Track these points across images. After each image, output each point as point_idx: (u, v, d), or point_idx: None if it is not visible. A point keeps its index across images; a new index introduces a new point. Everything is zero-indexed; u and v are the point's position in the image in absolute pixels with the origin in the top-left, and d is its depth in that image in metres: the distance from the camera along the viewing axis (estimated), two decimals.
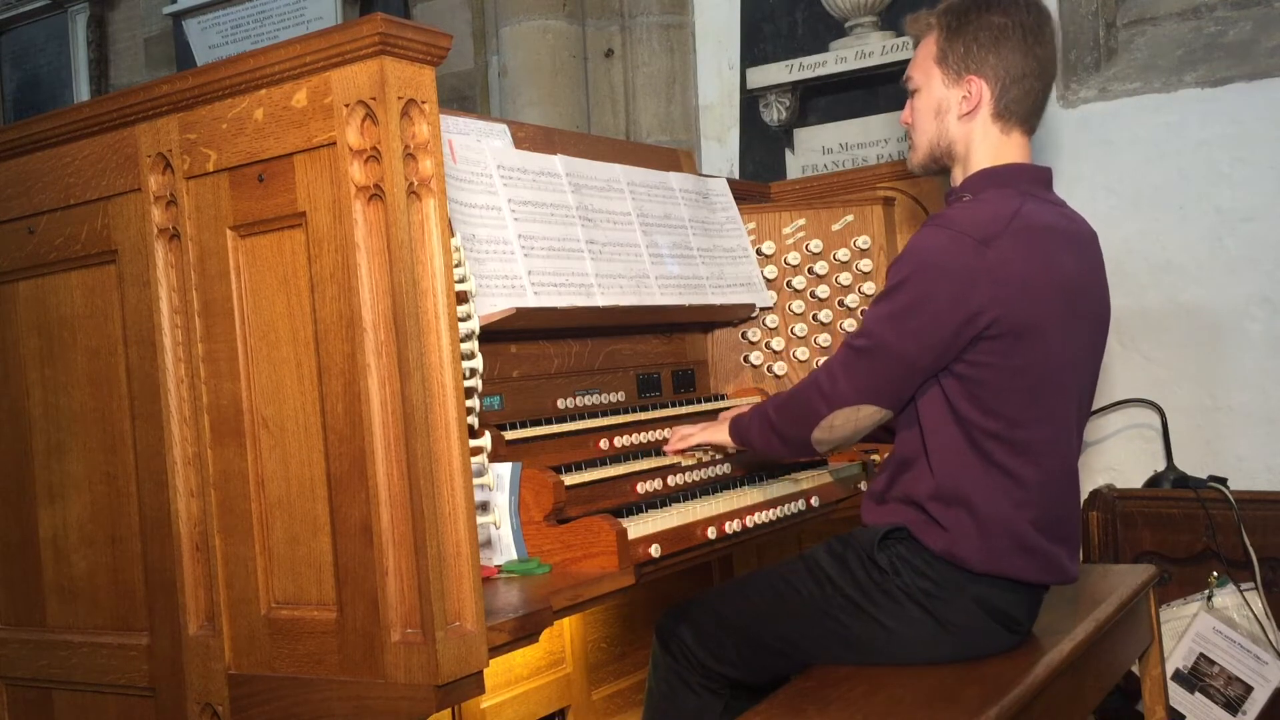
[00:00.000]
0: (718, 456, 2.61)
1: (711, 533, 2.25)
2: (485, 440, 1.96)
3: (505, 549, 2.07)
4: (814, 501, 2.54)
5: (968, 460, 2.10)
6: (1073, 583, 2.24)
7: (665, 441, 2.62)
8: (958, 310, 2.03)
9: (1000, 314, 2.03)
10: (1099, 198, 3.64)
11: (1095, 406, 3.56)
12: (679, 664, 2.32)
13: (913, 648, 2.15)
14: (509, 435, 2.30)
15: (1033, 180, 2.22)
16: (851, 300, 3.03)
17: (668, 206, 2.87)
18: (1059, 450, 2.14)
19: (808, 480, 2.62)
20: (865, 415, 2.16)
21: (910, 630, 2.14)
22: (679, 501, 2.32)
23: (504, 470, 2.08)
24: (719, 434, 2.45)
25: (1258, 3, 3.51)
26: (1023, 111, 2.21)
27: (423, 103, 1.67)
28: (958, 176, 2.28)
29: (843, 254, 3.02)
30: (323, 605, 1.74)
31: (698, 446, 2.53)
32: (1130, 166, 3.60)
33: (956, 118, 2.24)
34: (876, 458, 2.80)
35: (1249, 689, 3.21)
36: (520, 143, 2.66)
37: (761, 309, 3.06)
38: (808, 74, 3.95)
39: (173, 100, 1.83)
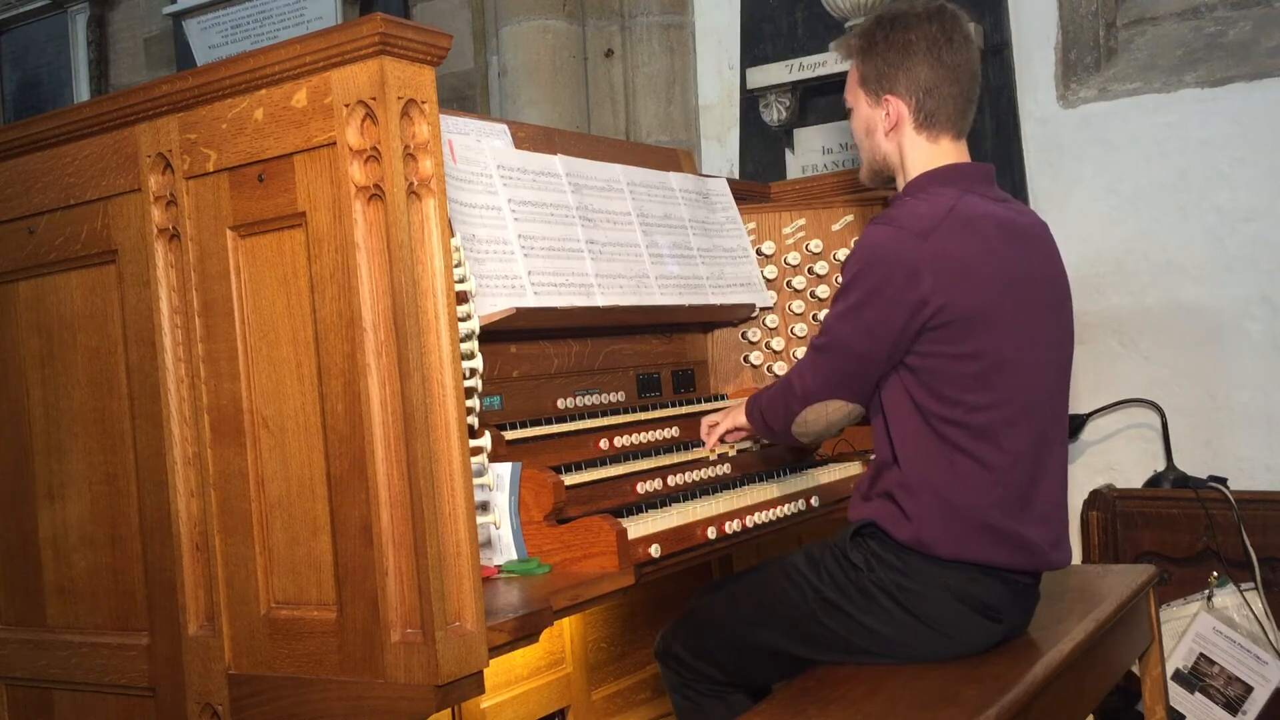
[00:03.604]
0: (741, 447, 2.66)
1: (711, 533, 2.25)
2: (485, 440, 1.96)
3: (505, 549, 2.07)
4: (814, 501, 2.54)
5: (931, 447, 2.14)
6: (1059, 569, 2.24)
7: (665, 441, 2.64)
8: (904, 302, 2.10)
9: (945, 302, 2.09)
10: (1099, 198, 3.65)
11: (1095, 406, 3.60)
12: (688, 680, 2.36)
13: (895, 645, 2.16)
14: (509, 435, 2.30)
15: (973, 178, 2.28)
16: None
17: (668, 206, 2.87)
18: (1021, 433, 2.15)
19: (808, 480, 2.63)
20: (834, 409, 2.26)
21: (889, 627, 2.15)
22: (679, 501, 2.32)
23: (504, 470, 2.08)
24: (739, 416, 2.54)
25: (1258, 3, 3.52)
26: (944, 119, 2.28)
27: (423, 103, 1.67)
28: (900, 184, 2.36)
29: (843, 254, 3.02)
30: (323, 605, 1.74)
31: (726, 433, 2.59)
32: (1130, 166, 3.61)
33: (883, 135, 2.33)
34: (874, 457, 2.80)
35: (1249, 689, 3.21)
36: (520, 143, 2.66)
37: (761, 309, 3.06)
38: (808, 74, 3.94)
39: (173, 100, 1.83)
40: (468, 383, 1.79)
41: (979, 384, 2.12)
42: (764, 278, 3.08)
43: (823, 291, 3.05)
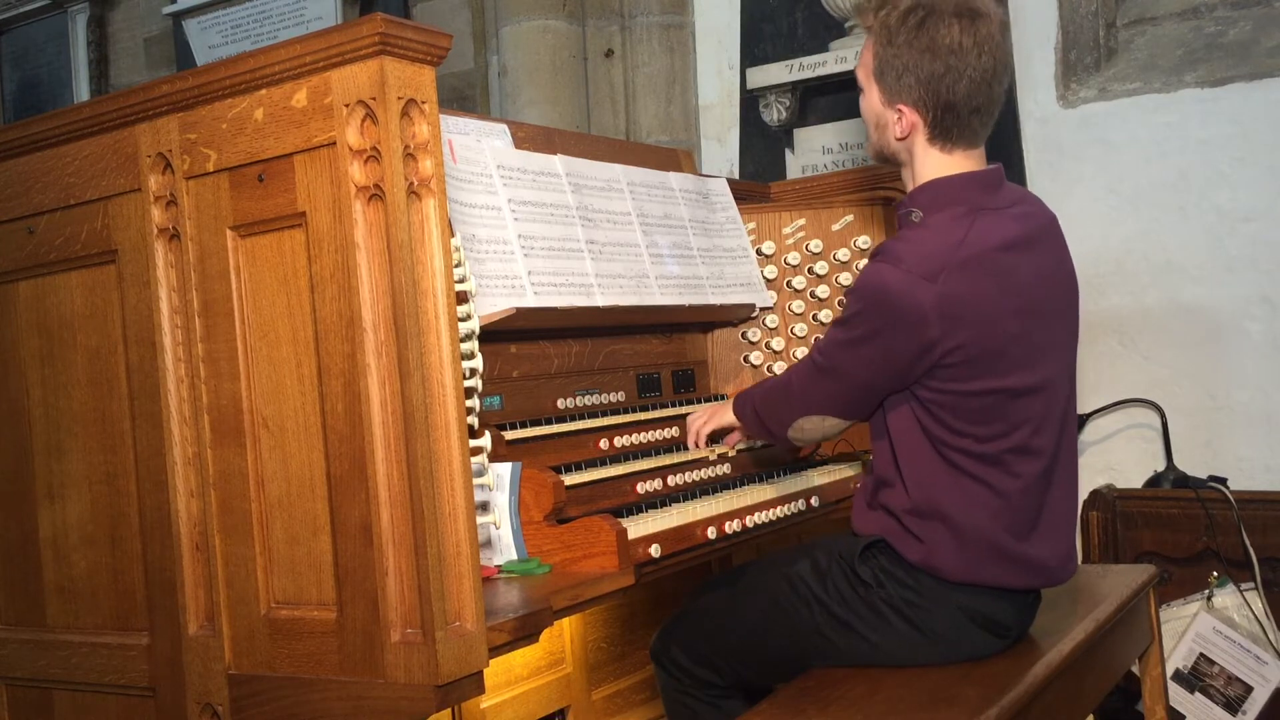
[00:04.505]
0: (740, 447, 2.63)
1: (711, 533, 2.25)
2: (485, 440, 1.96)
3: (505, 549, 2.07)
4: (814, 501, 2.54)
5: (940, 473, 2.10)
6: (1064, 583, 2.23)
7: (665, 441, 2.63)
8: (911, 345, 2.04)
9: (954, 345, 2.03)
10: (1099, 198, 3.65)
11: (1095, 406, 3.60)
12: (683, 685, 2.34)
13: (901, 658, 2.15)
14: (509, 435, 2.30)
15: (982, 188, 2.16)
16: None
17: (668, 206, 2.87)
18: (1033, 454, 2.11)
19: (808, 480, 2.63)
20: (830, 424, 2.25)
21: (895, 643, 2.14)
22: (679, 501, 2.32)
23: (504, 470, 2.08)
24: (726, 414, 2.49)
25: (1258, 3, 3.52)
26: (958, 134, 2.15)
27: (423, 103, 1.67)
28: (908, 181, 2.25)
29: (843, 254, 3.02)
30: (323, 605, 1.74)
31: (712, 434, 2.54)
32: (1130, 166, 3.61)
33: (895, 137, 2.20)
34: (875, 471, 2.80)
35: (1249, 689, 3.21)
36: (520, 143, 2.66)
37: (761, 309, 3.05)
38: (808, 74, 3.95)
39: (173, 100, 1.82)
40: (468, 383, 1.79)
41: (990, 415, 2.08)
42: (764, 278, 3.08)
43: (823, 291, 3.05)
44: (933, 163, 2.18)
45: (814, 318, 3.06)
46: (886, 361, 2.07)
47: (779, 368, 3.06)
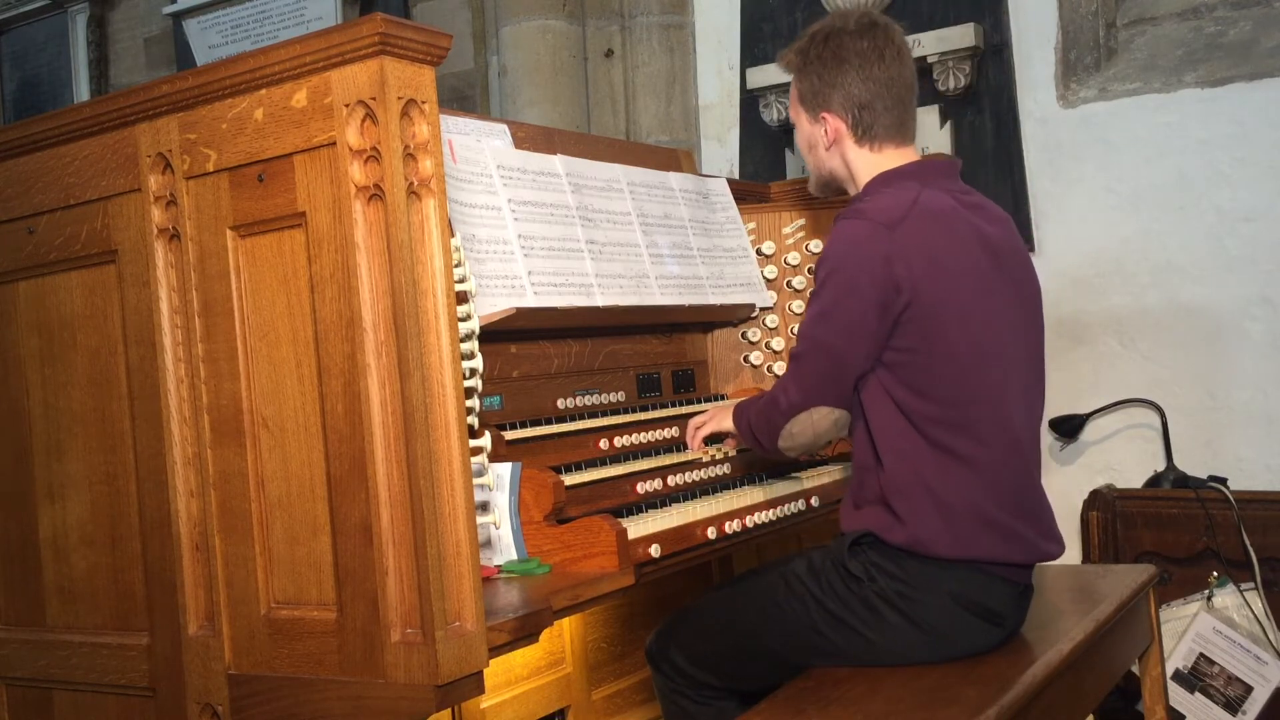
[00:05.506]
0: (741, 448, 2.63)
1: (711, 533, 2.25)
2: (485, 440, 1.96)
3: (505, 549, 2.07)
4: (814, 501, 2.54)
5: (914, 445, 2.15)
6: (1054, 559, 2.25)
7: (665, 441, 2.63)
8: (876, 293, 2.11)
9: (916, 292, 2.11)
10: (1099, 198, 3.65)
11: (1095, 406, 3.60)
12: (679, 685, 2.35)
13: (897, 654, 2.16)
14: (509, 435, 2.30)
15: (935, 173, 2.31)
16: None
17: (668, 206, 2.87)
18: (999, 425, 2.16)
19: (808, 480, 2.63)
20: (820, 418, 2.25)
21: (889, 638, 2.15)
22: (679, 501, 2.32)
23: (504, 470, 2.08)
24: (725, 420, 2.51)
25: (1258, 3, 3.52)
26: (882, 131, 2.32)
27: (423, 103, 1.67)
28: (852, 192, 2.39)
29: None
30: (323, 605, 1.74)
31: (712, 436, 2.56)
32: (1130, 166, 3.61)
33: (825, 150, 2.38)
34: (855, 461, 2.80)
35: (1249, 689, 3.21)
36: (520, 143, 2.66)
37: (761, 309, 3.06)
38: None
39: (173, 100, 1.83)
40: (468, 383, 1.79)
41: (956, 378, 2.13)
42: (764, 278, 3.08)
43: None
44: (866, 162, 2.34)
45: None
46: (859, 320, 2.13)
47: (779, 368, 3.06)
